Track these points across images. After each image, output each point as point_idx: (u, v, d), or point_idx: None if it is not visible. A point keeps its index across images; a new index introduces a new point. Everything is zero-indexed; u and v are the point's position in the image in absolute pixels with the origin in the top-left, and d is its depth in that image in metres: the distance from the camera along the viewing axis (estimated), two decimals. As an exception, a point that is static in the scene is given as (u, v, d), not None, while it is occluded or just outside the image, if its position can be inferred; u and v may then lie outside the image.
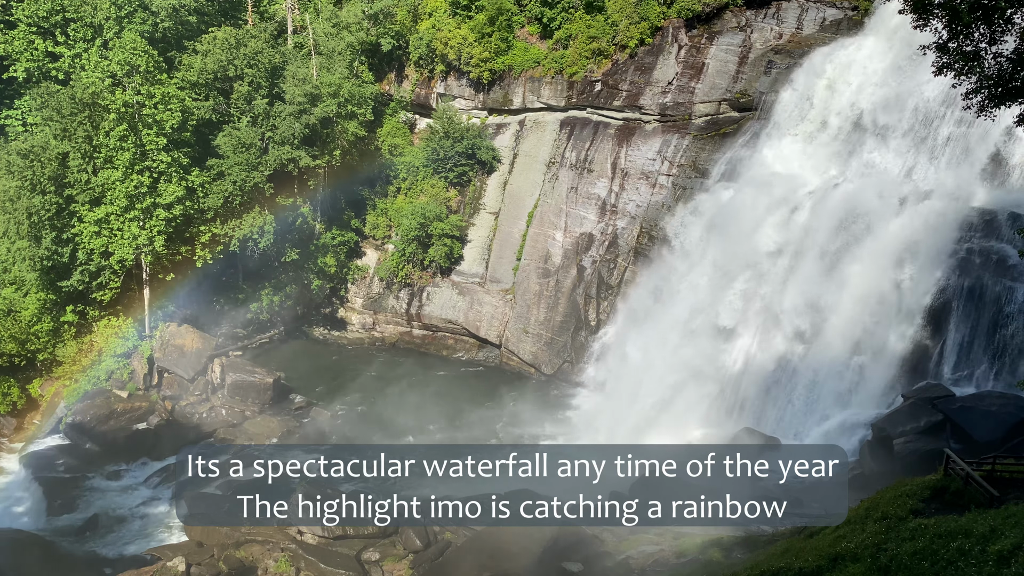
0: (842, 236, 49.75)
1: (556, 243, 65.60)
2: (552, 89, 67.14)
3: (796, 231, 52.28)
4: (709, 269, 55.51)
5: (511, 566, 36.65)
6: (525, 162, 68.53)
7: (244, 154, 61.12)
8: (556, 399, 61.14)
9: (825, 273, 49.76)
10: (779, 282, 51.88)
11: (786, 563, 26.22)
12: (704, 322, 54.16)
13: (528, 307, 65.85)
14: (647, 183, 62.48)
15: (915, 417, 40.96)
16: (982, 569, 21.00)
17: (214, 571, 39.68)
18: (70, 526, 44.68)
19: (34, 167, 53.20)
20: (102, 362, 55.63)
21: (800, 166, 55.18)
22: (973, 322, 44.37)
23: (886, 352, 46.20)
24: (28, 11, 67.22)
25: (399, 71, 75.16)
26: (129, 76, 55.66)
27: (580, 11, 65.12)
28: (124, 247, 54.48)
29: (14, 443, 53.08)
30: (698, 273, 56.52)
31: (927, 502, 28.39)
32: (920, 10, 21.14)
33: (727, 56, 60.92)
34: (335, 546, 40.58)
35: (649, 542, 37.62)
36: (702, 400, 52.14)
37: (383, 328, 71.21)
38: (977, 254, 45.55)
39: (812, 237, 51.28)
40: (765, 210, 53.84)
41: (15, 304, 56.38)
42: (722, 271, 54.44)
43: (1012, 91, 21.25)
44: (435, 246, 67.69)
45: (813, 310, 49.37)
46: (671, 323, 56.55)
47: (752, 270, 53.06)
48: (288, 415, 56.95)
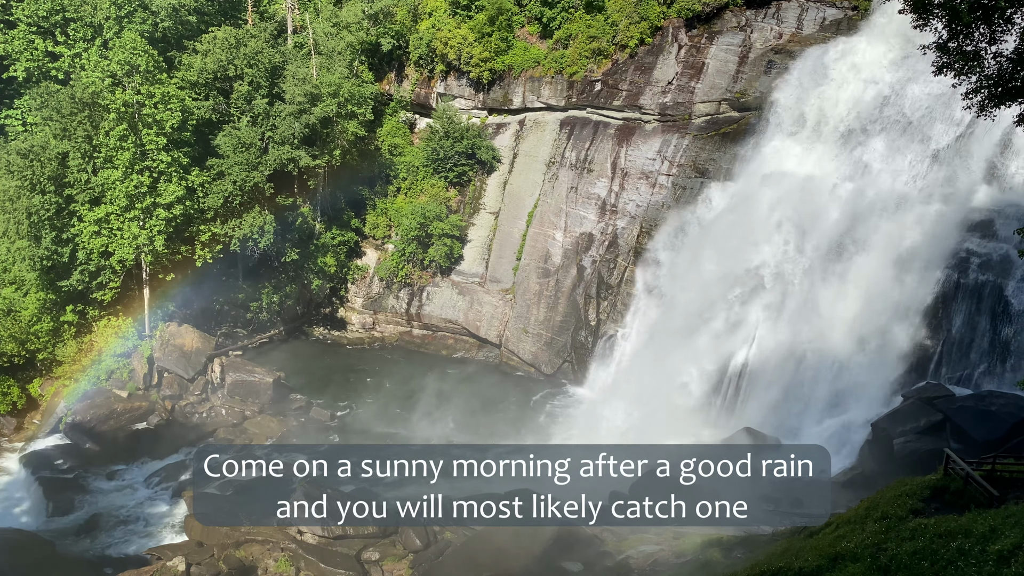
0: (842, 236, 49.78)
1: (556, 243, 65.61)
2: (552, 89, 67.15)
3: (796, 231, 52.28)
4: (709, 269, 55.48)
5: (511, 566, 36.65)
6: (525, 162, 68.54)
7: (244, 154, 61.11)
8: (556, 399, 61.11)
9: (825, 273, 49.79)
10: (779, 282, 51.90)
11: (786, 563, 26.21)
12: (704, 322, 54.15)
13: (528, 307, 65.86)
14: (647, 183, 62.49)
15: (915, 417, 41.01)
16: (982, 569, 20.99)
17: (214, 571, 39.67)
18: (70, 526, 44.66)
19: (34, 167, 53.17)
20: (102, 362, 55.63)
21: (800, 166, 55.18)
22: (973, 322, 44.43)
23: (886, 352, 46.24)
24: (28, 11, 67.20)
25: (399, 71, 75.17)
26: (129, 76, 55.63)
27: (580, 11, 65.13)
28: (124, 247, 54.46)
29: (14, 443, 53.06)
30: (698, 273, 56.50)
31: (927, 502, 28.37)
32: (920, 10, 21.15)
33: (727, 56, 60.92)
34: (335, 546, 40.57)
35: (649, 542, 37.64)
36: (702, 400, 52.15)
37: (383, 328, 71.21)
38: (977, 254, 45.58)
39: (812, 237, 51.30)
40: (765, 210, 53.84)
41: (15, 304, 56.35)
42: (722, 271, 54.42)
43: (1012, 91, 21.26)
44: (435, 246, 67.70)
45: (813, 310, 49.40)
46: (671, 323, 56.56)
47: (752, 270, 53.05)
48: (288, 415, 56.94)
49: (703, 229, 58.04)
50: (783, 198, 53.67)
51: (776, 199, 53.88)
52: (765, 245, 53.01)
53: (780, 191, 54.01)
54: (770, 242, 52.92)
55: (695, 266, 57.15)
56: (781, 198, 53.71)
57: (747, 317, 52.54)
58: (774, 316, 51.25)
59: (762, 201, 54.44)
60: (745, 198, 55.97)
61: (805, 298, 49.86)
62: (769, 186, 54.88)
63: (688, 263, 58.02)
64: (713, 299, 53.94)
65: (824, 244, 50.37)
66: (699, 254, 57.33)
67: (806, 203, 52.67)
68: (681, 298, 56.73)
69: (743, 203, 55.83)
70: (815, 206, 52.13)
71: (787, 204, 53.34)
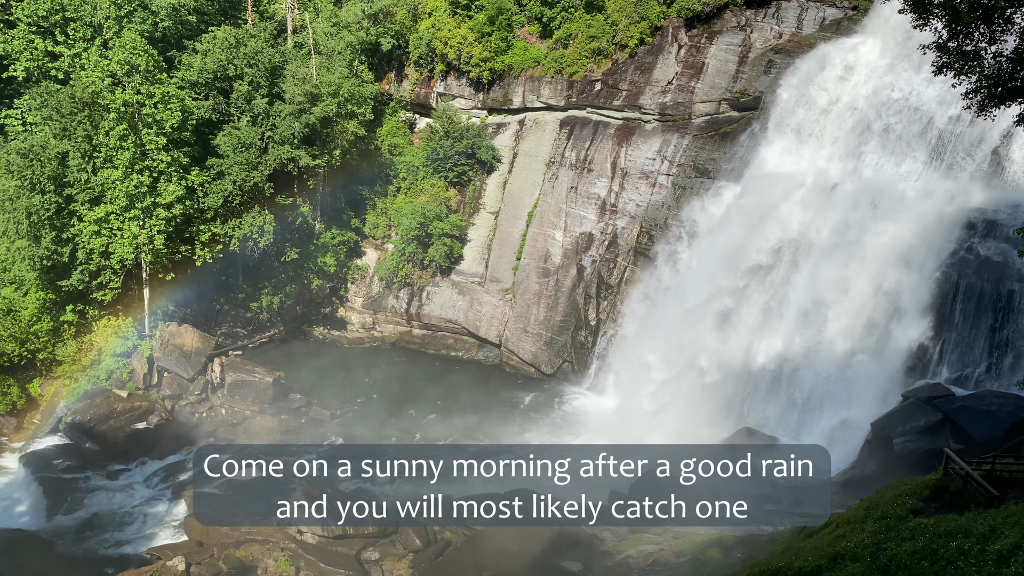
0: (842, 235, 49.77)
1: (556, 243, 65.61)
2: (552, 88, 67.15)
3: (796, 230, 52.29)
4: (709, 269, 55.49)
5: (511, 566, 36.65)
6: (525, 162, 68.54)
7: (244, 154, 61.12)
8: (556, 399, 61.11)
9: (825, 272, 49.77)
10: (779, 282, 51.91)
11: (786, 563, 26.21)
12: (704, 321, 54.16)
13: (528, 307, 65.87)
14: (647, 183, 62.49)
15: (915, 417, 41.01)
16: (982, 569, 21.00)
17: (214, 571, 39.69)
18: (70, 526, 44.67)
19: (34, 166, 53.19)
20: (102, 362, 55.64)
21: (800, 165, 55.16)
22: (972, 322, 44.41)
23: (886, 352, 46.22)
24: (28, 10, 67.18)
25: (399, 71, 75.17)
26: (129, 75, 55.63)
27: (580, 11, 65.13)
28: (124, 246, 54.47)
29: (14, 443, 53.06)
30: (698, 273, 56.53)
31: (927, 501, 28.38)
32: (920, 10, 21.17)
33: (727, 56, 60.92)
34: (335, 545, 40.58)
35: (649, 542, 37.65)
36: (702, 400, 52.13)
37: (383, 328, 71.21)
38: (977, 254, 45.57)
39: (812, 236, 51.30)
40: (765, 209, 53.84)
41: (15, 304, 56.36)
42: (722, 271, 54.42)
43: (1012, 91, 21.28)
44: (435, 246, 67.70)
45: (813, 309, 49.38)
46: (671, 322, 56.58)
47: (752, 270, 53.05)
48: (288, 415, 56.96)
49: (703, 229, 58.05)
50: (783, 198, 53.66)
51: (776, 198, 53.87)
52: (765, 244, 53.01)
53: (780, 191, 54.00)
54: (770, 242, 52.92)
55: (695, 266, 57.18)
56: (781, 198, 53.70)
57: (747, 317, 52.54)
58: (774, 316, 51.24)
59: (762, 201, 54.44)
60: (745, 198, 55.98)
61: (805, 297, 49.84)
62: (769, 186, 54.87)
63: (688, 263, 58.05)
64: (713, 298, 53.95)
65: (824, 243, 50.36)
66: (699, 254, 57.37)
67: (806, 203, 52.67)
68: (681, 298, 56.74)
69: (743, 203, 55.84)
70: (815, 205, 52.13)
71: (787, 204, 53.33)
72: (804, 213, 52.32)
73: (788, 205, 53.28)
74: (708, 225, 57.72)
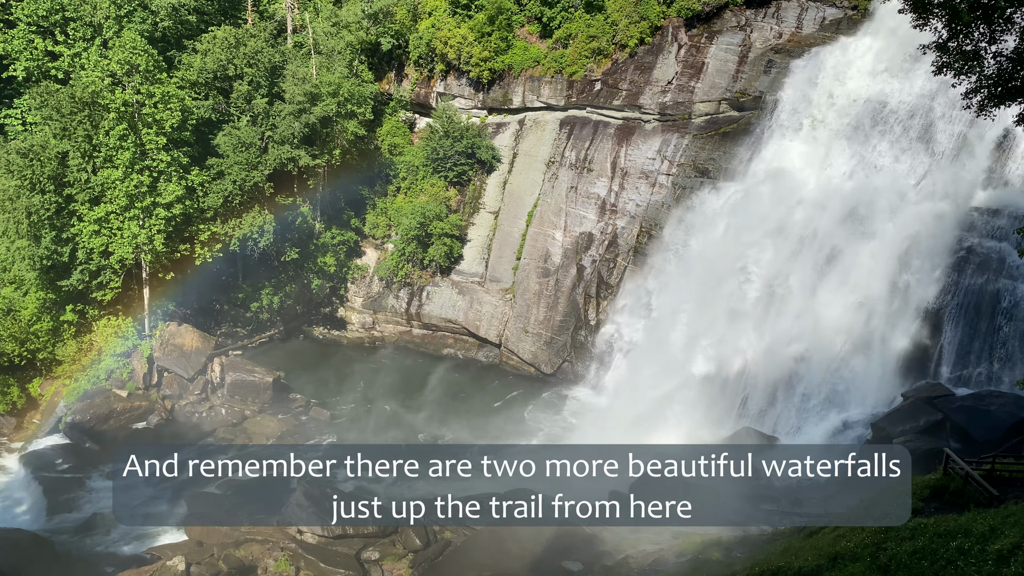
0: (842, 235, 49.79)
1: (556, 242, 65.60)
2: (552, 88, 67.14)
3: (796, 230, 52.31)
4: (709, 268, 55.49)
5: (511, 566, 36.67)
6: (525, 161, 68.53)
7: (244, 153, 61.12)
8: (556, 398, 61.11)
9: (825, 272, 49.80)
10: (779, 282, 51.90)
11: (786, 562, 26.22)
12: (704, 321, 54.16)
13: (528, 306, 65.86)
14: (647, 182, 62.48)
15: (915, 417, 41.03)
16: (982, 568, 20.99)
17: (214, 570, 39.68)
18: (70, 526, 44.65)
19: (33, 166, 53.17)
20: (102, 361, 55.63)
21: (800, 165, 55.17)
22: (973, 322, 44.45)
23: (886, 352, 46.28)
24: (28, 10, 67.12)
25: (399, 70, 75.14)
26: (129, 75, 55.62)
27: (580, 10, 65.08)
28: (124, 246, 54.46)
29: (14, 442, 53.06)
30: (698, 272, 56.51)
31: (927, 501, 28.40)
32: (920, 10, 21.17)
33: (727, 55, 60.91)
34: (335, 545, 40.58)
35: (649, 542, 37.64)
36: (702, 400, 52.15)
37: (383, 327, 71.20)
38: (977, 254, 45.59)
39: (812, 236, 51.30)
40: (765, 209, 53.85)
41: (15, 303, 56.36)
42: (723, 270, 54.43)
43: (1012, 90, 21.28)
44: (435, 245, 67.68)
45: (813, 309, 49.40)
46: (671, 322, 56.56)
47: (752, 269, 53.05)
48: (288, 415, 56.97)
49: (703, 228, 58.02)
50: (783, 197, 53.68)
51: (776, 198, 53.88)
52: (765, 244, 53.03)
53: (780, 190, 54.01)
54: (770, 241, 52.93)
55: (696, 265, 57.16)
56: (781, 197, 53.72)
57: (747, 316, 52.54)
58: (774, 315, 51.24)
59: (762, 200, 54.45)
60: (745, 197, 55.98)
61: (805, 297, 49.85)
62: (769, 185, 54.88)
63: (688, 262, 58.03)
64: (713, 298, 53.95)
65: (824, 243, 50.36)
66: (699, 253, 57.34)
67: (806, 202, 52.68)
68: (681, 297, 56.73)
69: (743, 202, 55.84)
70: (815, 205, 52.14)
71: (787, 203, 53.35)
72: (804, 213, 52.33)
73: (788, 204, 53.30)
74: (708, 225, 57.69)
